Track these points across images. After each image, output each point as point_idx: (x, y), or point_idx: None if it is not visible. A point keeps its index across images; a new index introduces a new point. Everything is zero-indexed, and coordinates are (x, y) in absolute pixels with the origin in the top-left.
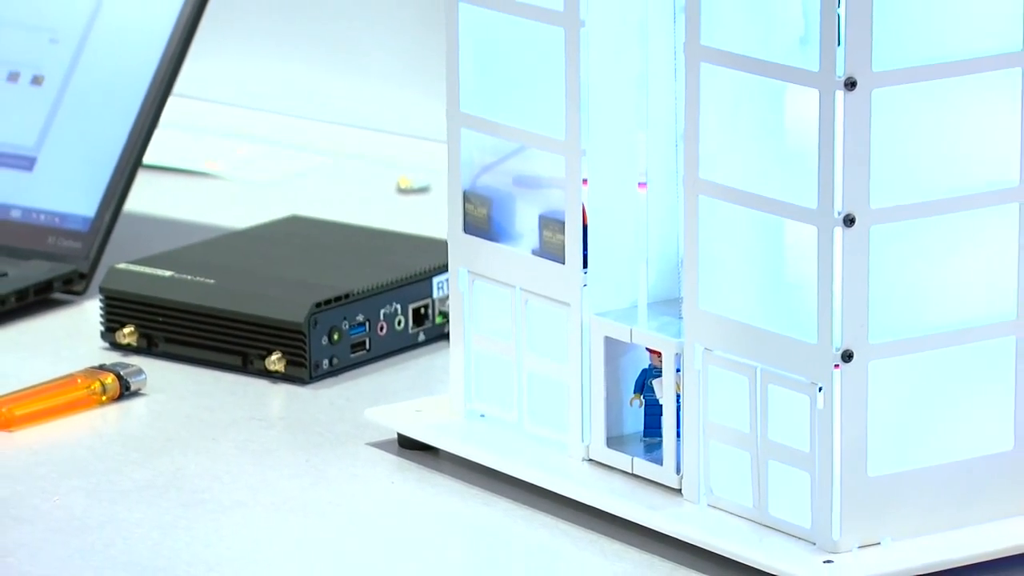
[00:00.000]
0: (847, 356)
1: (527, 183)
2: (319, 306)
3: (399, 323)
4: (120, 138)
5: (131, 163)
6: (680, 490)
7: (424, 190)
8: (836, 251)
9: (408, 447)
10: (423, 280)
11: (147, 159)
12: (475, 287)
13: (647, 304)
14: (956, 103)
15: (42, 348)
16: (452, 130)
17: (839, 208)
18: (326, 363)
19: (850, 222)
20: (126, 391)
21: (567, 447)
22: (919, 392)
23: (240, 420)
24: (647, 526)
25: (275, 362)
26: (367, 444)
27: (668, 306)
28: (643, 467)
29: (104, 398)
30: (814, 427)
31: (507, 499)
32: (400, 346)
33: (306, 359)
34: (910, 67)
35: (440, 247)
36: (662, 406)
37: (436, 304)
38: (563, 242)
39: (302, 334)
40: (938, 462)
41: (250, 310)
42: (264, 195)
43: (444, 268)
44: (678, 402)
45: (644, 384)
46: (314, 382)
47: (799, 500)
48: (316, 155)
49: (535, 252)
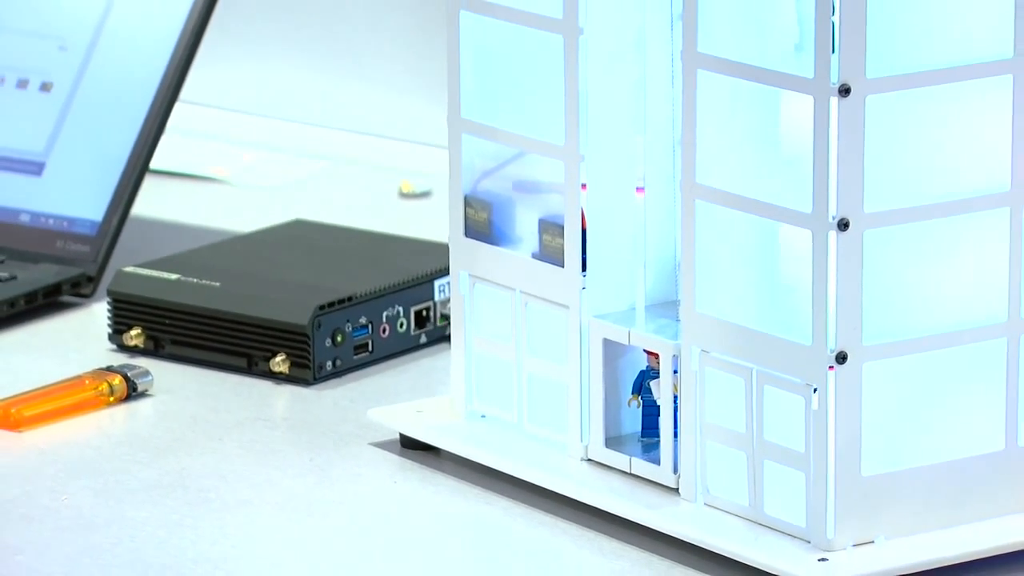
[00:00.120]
0: (841, 358)
1: (527, 188)
2: (323, 309)
3: (401, 325)
4: (127, 144)
5: (138, 168)
6: (677, 489)
7: (426, 195)
8: (830, 255)
9: (410, 447)
10: (425, 283)
11: (154, 164)
12: (476, 290)
13: (645, 307)
14: (948, 109)
15: (51, 350)
16: (453, 136)
17: (833, 212)
18: (330, 365)
19: (844, 226)
20: (133, 392)
21: (566, 447)
22: (912, 393)
23: (245, 421)
24: (645, 525)
25: (279, 364)
26: (370, 444)
27: (666, 309)
28: (641, 467)
29: (111, 399)
30: (809, 427)
31: (507, 498)
32: (402, 348)
33: (310, 361)
34: (903, 74)
35: (441, 251)
36: (660, 407)
37: (438, 307)
38: (562, 246)
39: (306, 336)
40: (931, 462)
41: (255, 313)
42: (268, 200)
43: (445, 271)
44: (675, 403)
45: (642, 385)
46: (318, 383)
47: (794, 499)
48: (319, 160)
49: (535, 256)
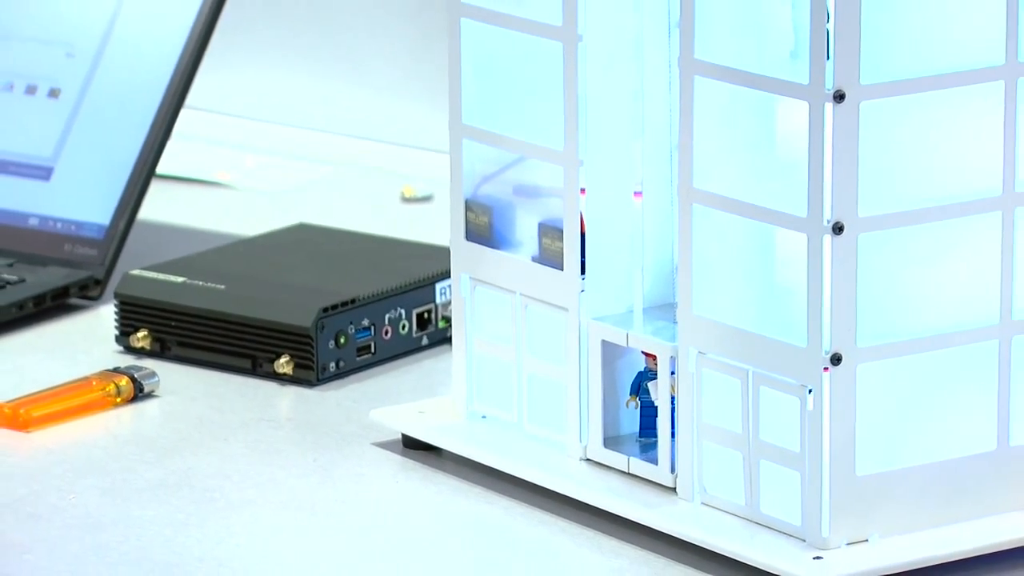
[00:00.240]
0: (836, 359)
1: (527, 192)
2: (326, 311)
3: (403, 327)
4: (134, 149)
5: (145, 173)
6: (675, 489)
7: (427, 199)
8: (825, 258)
9: (412, 447)
10: (426, 286)
11: (160, 169)
12: (477, 293)
13: (643, 309)
14: (941, 115)
15: (59, 351)
16: (454, 141)
17: (828, 216)
18: (333, 366)
19: (839, 230)
20: (140, 393)
21: (565, 447)
22: (906, 394)
23: (250, 421)
24: (643, 523)
25: (283, 365)
26: (372, 444)
27: (663, 311)
28: (639, 466)
29: (118, 400)
30: (804, 428)
31: (507, 497)
32: (404, 350)
33: (313, 362)
34: (897, 80)
35: (443, 254)
36: (657, 407)
37: (439, 309)
38: (562, 249)
39: (310, 338)
40: (924, 462)
41: (259, 315)
42: (273, 204)
43: (447, 274)
44: (673, 404)
45: (640, 386)
46: (321, 384)
47: (790, 498)
48: (323, 165)
49: (535, 259)
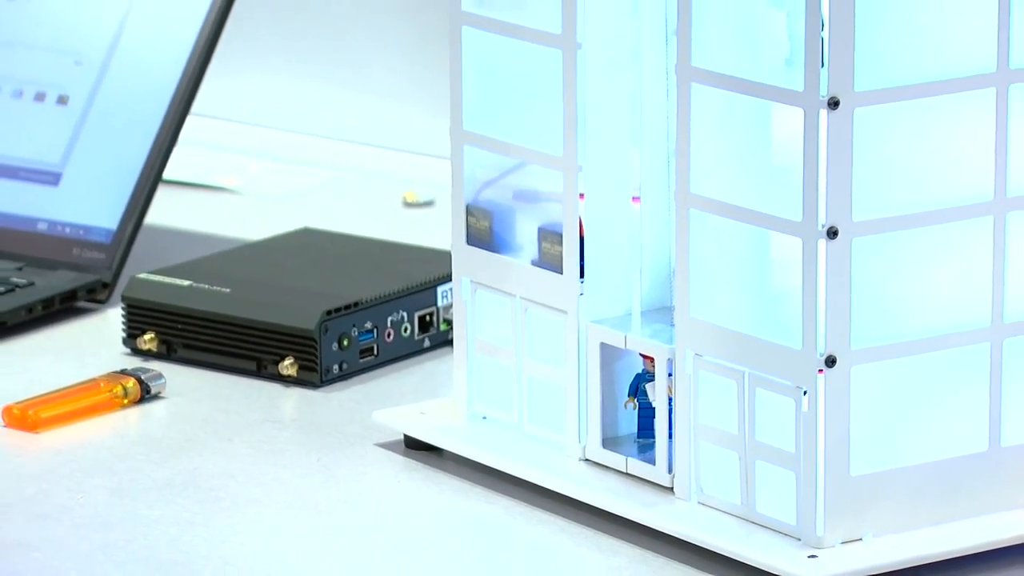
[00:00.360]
0: (830, 361)
1: (527, 197)
2: (330, 314)
3: (405, 330)
4: (141, 155)
5: (151, 178)
6: (672, 489)
7: (429, 204)
8: (820, 262)
9: (414, 448)
10: (428, 289)
11: (167, 175)
12: (477, 296)
13: (641, 312)
14: (934, 121)
15: (67, 354)
16: (455, 147)
17: (823, 221)
18: (336, 368)
19: (833, 234)
20: (146, 394)
21: (565, 448)
22: (899, 395)
23: (254, 422)
24: (641, 523)
25: (288, 367)
26: (375, 445)
27: (661, 314)
28: (637, 467)
29: (126, 401)
30: (799, 429)
31: (508, 497)
32: (406, 352)
33: (317, 364)
34: (890, 87)
35: (444, 258)
36: (655, 409)
37: (440, 312)
38: (561, 253)
39: (313, 340)
40: (917, 462)
41: (264, 318)
42: (277, 209)
43: (448, 278)
44: (670, 405)
45: (638, 388)
46: (325, 386)
47: (785, 498)
48: (326, 171)
49: (534, 263)
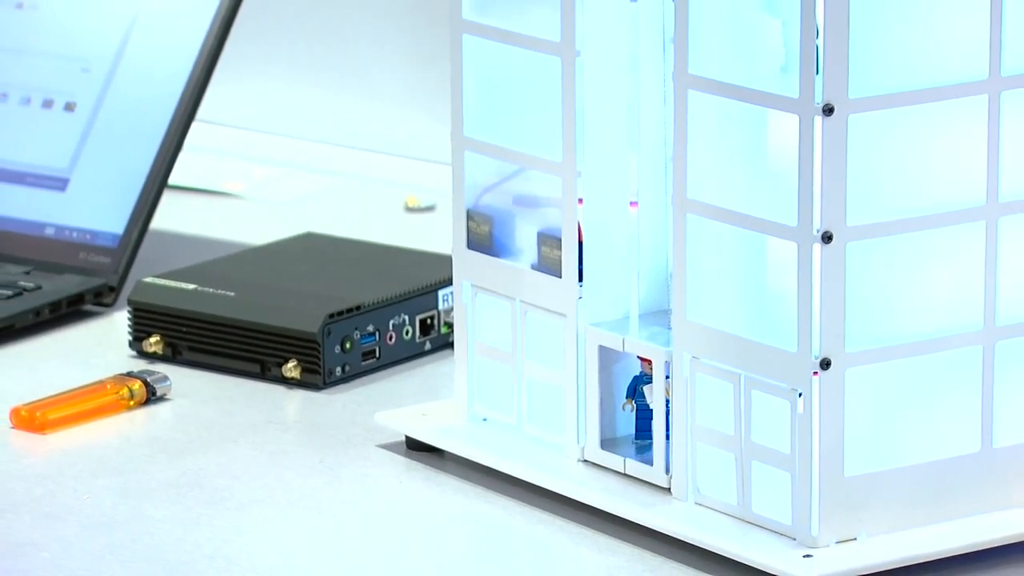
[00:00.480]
0: (825, 364)
1: (526, 202)
2: (332, 317)
3: (407, 333)
4: (147, 160)
5: (157, 184)
6: (669, 489)
7: (430, 209)
8: (815, 266)
9: (415, 449)
10: (429, 293)
11: (172, 180)
12: (478, 299)
13: (638, 315)
14: (927, 128)
15: (74, 356)
16: (456, 153)
17: (818, 226)
18: (339, 370)
19: (828, 239)
20: (152, 396)
21: (564, 449)
22: (893, 398)
23: (258, 423)
24: (638, 522)
25: (291, 369)
26: (377, 446)
27: (658, 317)
28: (635, 467)
29: (132, 403)
30: (794, 430)
31: (508, 497)
32: (408, 354)
33: (320, 366)
34: (884, 94)
35: (445, 262)
36: (652, 410)
37: (441, 315)
38: (560, 257)
39: (316, 343)
40: (911, 463)
41: (268, 321)
42: (281, 213)
43: (449, 282)
44: (667, 407)
45: (636, 390)
46: (328, 388)
47: (780, 498)
48: (329, 176)
49: (534, 267)
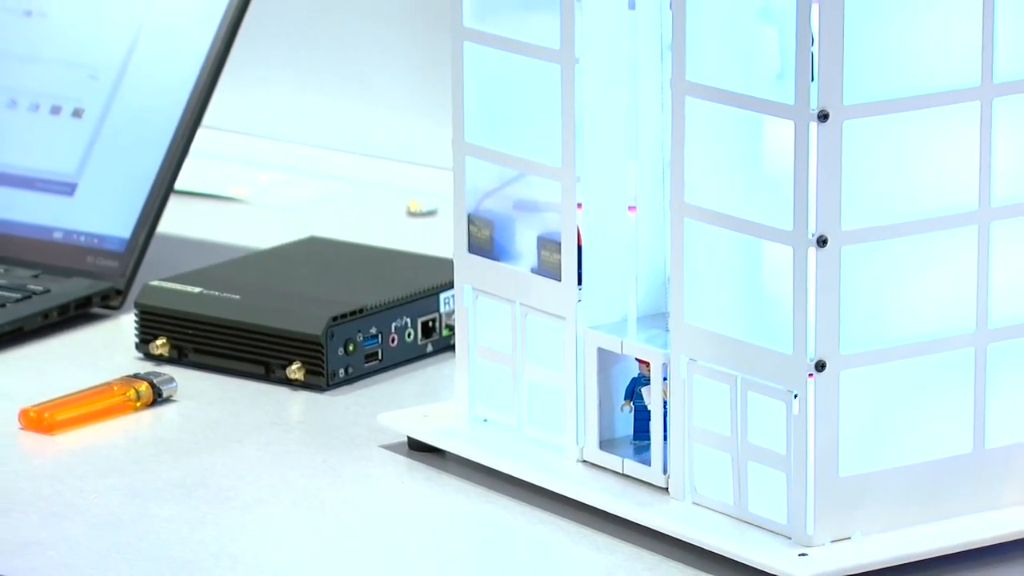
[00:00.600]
0: (820, 366)
1: (526, 207)
2: (335, 320)
3: (409, 335)
4: (154, 166)
5: (164, 189)
6: (667, 489)
7: (432, 213)
8: (810, 269)
9: (417, 449)
10: (431, 296)
11: (178, 185)
12: (478, 302)
13: (637, 318)
14: (920, 134)
15: (82, 358)
16: (457, 158)
17: (813, 230)
18: (342, 372)
19: (823, 243)
20: (158, 398)
21: (563, 449)
22: (887, 399)
23: (263, 424)
24: (636, 522)
25: (295, 371)
26: (379, 447)
27: (656, 320)
28: (633, 468)
29: (138, 404)
30: (790, 431)
31: (508, 497)
32: (410, 356)
33: (323, 368)
34: (878, 101)
35: (446, 266)
36: (650, 412)
37: (443, 318)
38: (559, 261)
39: (320, 345)
40: (904, 463)
41: (272, 323)
42: (285, 218)
43: (450, 285)
44: (665, 408)
45: (634, 391)
46: (331, 389)
47: (776, 498)
48: (332, 181)
49: (534, 270)
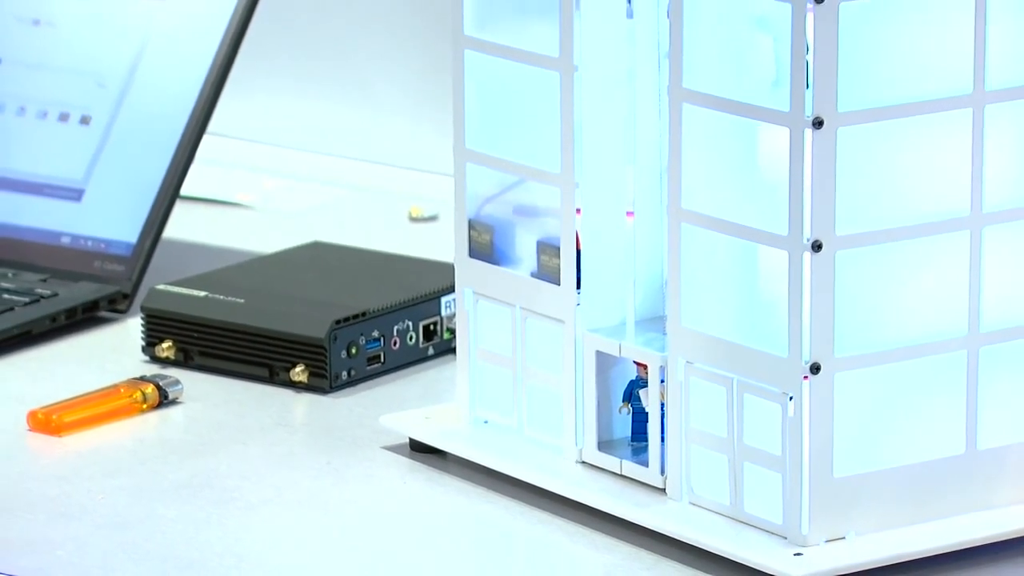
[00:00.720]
0: (815, 368)
1: (526, 212)
2: (339, 323)
3: (411, 338)
4: (160, 172)
5: (170, 194)
6: (664, 489)
7: (433, 219)
8: (805, 274)
9: (419, 450)
10: (432, 300)
11: (184, 191)
12: (479, 306)
13: (635, 321)
14: (914, 140)
15: (89, 361)
16: (458, 164)
17: (808, 235)
18: (345, 374)
19: (817, 247)
20: (165, 400)
21: (562, 450)
22: (880, 401)
23: (267, 426)
24: (634, 522)
25: (299, 374)
26: (382, 448)
27: (654, 323)
28: (631, 468)
29: (145, 406)
30: (785, 433)
31: (508, 497)
32: (412, 359)
33: (327, 371)
34: (872, 108)
35: (448, 270)
36: (648, 413)
37: (444, 321)
38: (559, 265)
39: (323, 348)
40: (897, 464)
41: (276, 327)
42: (289, 223)
43: (451, 289)
44: (662, 410)
45: (632, 394)
46: (334, 392)
47: (772, 499)
48: (336, 187)
49: (533, 274)
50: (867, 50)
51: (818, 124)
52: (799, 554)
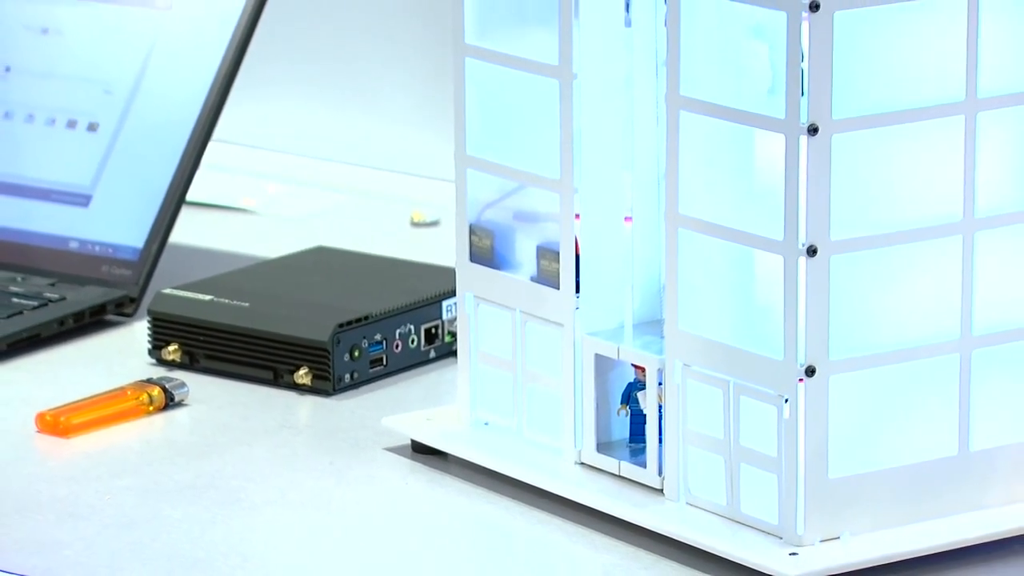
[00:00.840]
0: (810, 371)
1: (526, 217)
2: (342, 327)
3: (412, 342)
4: (166, 178)
5: (176, 200)
6: (662, 490)
7: (434, 224)
8: (800, 278)
9: (420, 452)
10: (434, 303)
11: (190, 196)
12: (480, 310)
13: (633, 325)
14: (907, 147)
15: (96, 364)
16: (459, 170)
17: (803, 240)
18: (348, 377)
19: (812, 252)
20: (170, 402)
21: (561, 452)
22: (874, 403)
23: (271, 428)
24: (632, 522)
25: (302, 376)
26: (384, 449)
27: (651, 327)
28: (629, 470)
29: (151, 408)
30: (781, 434)
31: (508, 498)
32: (413, 362)
33: (330, 374)
34: (866, 115)
35: (449, 274)
36: (646, 415)
37: (445, 325)
38: (558, 270)
39: (327, 351)
40: (892, 465)
41: (280, 330)
42: (293, 228)
43: (452, 293)
44: (660, 412)
45: (630, 396)
46: (337, 394)
47: (768, 499)
48: (339, 193)
49: (533, 279)
50: (861, 58)
51: (813, 131)
52: (794, 554)
